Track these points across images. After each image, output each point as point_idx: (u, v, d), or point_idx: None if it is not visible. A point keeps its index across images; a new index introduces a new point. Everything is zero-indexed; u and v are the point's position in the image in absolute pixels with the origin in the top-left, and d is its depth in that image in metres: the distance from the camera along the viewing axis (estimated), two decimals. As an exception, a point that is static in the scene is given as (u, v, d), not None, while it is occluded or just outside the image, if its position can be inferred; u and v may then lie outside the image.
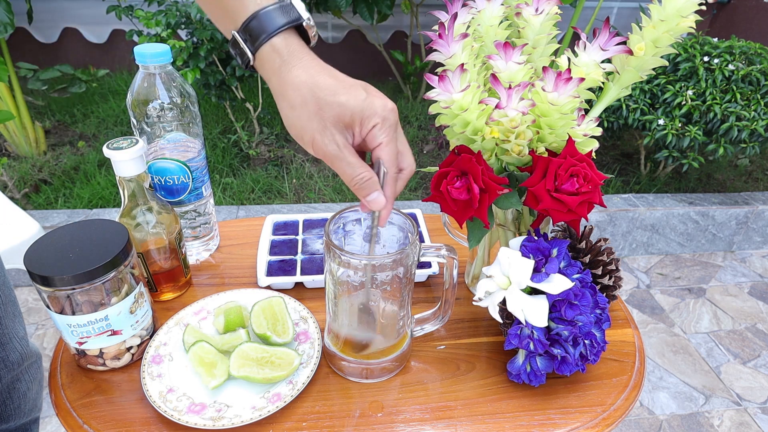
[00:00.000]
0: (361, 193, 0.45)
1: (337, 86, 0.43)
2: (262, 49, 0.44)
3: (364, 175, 0.44)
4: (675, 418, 1.35)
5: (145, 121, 0.61)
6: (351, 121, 0.43)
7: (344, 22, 2.53)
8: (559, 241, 0.53)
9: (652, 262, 1.94)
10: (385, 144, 0.44)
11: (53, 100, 2.48)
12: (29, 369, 0.71)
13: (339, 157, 0.43)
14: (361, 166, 0.44)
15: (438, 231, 0.78)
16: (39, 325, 1.52)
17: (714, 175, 2.21)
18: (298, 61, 0.43)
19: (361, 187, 0.44)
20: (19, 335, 0.67)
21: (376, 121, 0.43)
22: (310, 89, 0.43)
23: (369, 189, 0.44)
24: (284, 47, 0.44)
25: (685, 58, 1.77)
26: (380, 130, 0.43)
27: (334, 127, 0.43)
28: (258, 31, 0.44)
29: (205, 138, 1.99)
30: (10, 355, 0.66)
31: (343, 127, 0.43)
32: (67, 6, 2.57)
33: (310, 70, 0.43)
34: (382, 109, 0.43)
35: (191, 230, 0.70)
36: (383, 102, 0.43)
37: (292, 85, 0.43)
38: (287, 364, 0.52)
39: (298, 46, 0.44)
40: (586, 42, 0.50)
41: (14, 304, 0.66)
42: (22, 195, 1.86)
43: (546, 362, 0.52)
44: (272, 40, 0.43)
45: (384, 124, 0.43)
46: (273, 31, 0.43)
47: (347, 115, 0.42)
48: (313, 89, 0.42)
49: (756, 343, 1.60)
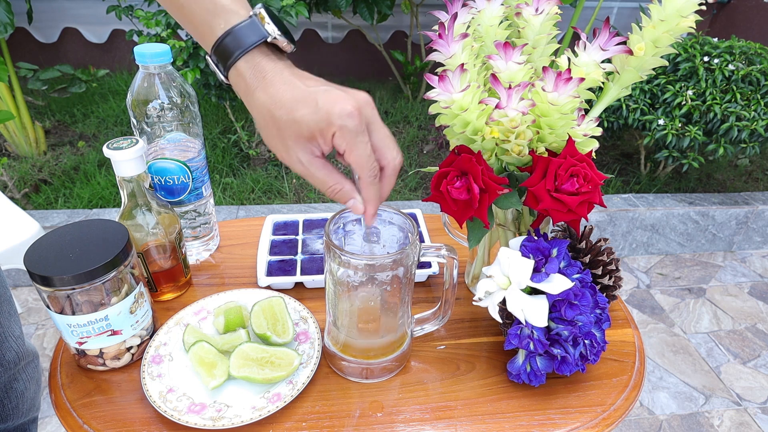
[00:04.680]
0: (339, 201, 0.46)
1: (293, 102, 0.42)
2: (230, 73, 0.44)
3: (334, 187, 0.45)
4: (675, 418, 1.35)
5: (145, 121, 0.61)
6: (310, 135, 0.42)
7: (344, 22, 2.54)
8: (559, 241, 0.53)
9: (652, 262, 1.94)
10: (349, 152, 0.42)
11: (53, 100, 2.48)
12: (26, 368, 0.71)
13: (306, 174, 0.44)
14: (331, 177, 0.44)
15: (438, 231, 0.78)
16: (39, 325, 1.52)
17: (714, 175, 2.21)
18: (260, 81, 0.43)
19: (336, 198, 0.45)
20: (14, 334, 0.67)
21: (333, 130, 0.41)
22: (268, 111, 0.42)
23: (343, 198, 0.45)
24: (248, 69, 0.43)
25: (685, 58, 1.77)
26: (340, 138, 0.42)
27: (296, 145, 0.43)
28: (226, 55, 0.44)
29: (205, 138, 1.99)
30: (5, 354, 0.66)
31: (305, 141, 0.42)
32: (67, 6, 2.57)
33: (269, 89, 0.43)
34: (339, 117, 0.41)
35: (191, 230, 0.70)
36: (341, 107, 0.41)
37: (255, 108, 0.44)
38: (287, 364, 0.52)
39: (265, 64, 0.43)
40: (586, 42, 0.50)
41: (9, 303, 0.66)
42: (22, 195, 1.86)
43: (546, 362, 0.52)
44: (237, 65, 0.43)
45: (342, 132, 0.41)
46: (238, 55, 0.43)
47: (305, 130, 0.42)
48: (272, 110, 0.42)
49: (756, 343, 1.60)
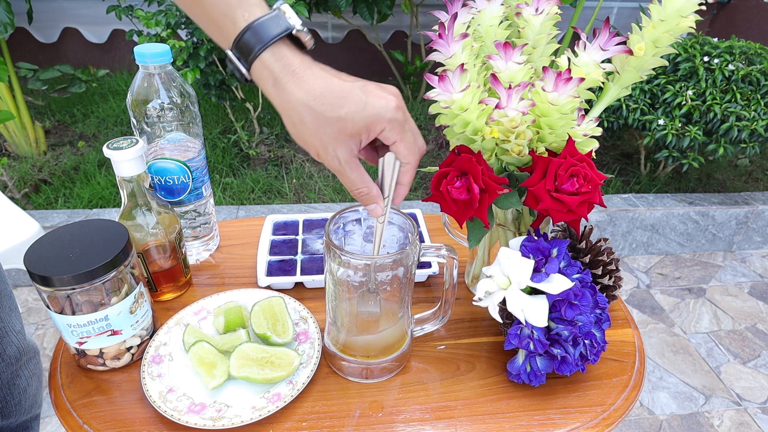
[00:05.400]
0: (363, 203, 0.47)
1: (334, 99, 0.41)
2: (254, 65, 0.43)
3: (362, 190, 0.46)
4: (675, 418, 1.35)
5: (145, 121, 0.61)
6: (355, 131, 0.42)
7: (344, 22, 2.53)
8: (559, 241, 0.53)
9: (652, 262, 1.94)
10: (399, 141, 0.44)
11: (53, 100, 2.48)
12: (28, 364, 0.71)
13: (340, 171, 0.45)
14: (362, 181, 0.45)
15: (438, 231, 0.78)
16: (39, 325, 1.52)
17: (714, 175, 2.21)
18: (290, 75, 0.42)
19: (361, 200, 0.47)
20: (15, 329, 0.67)
21: (383, 126, 0.42)
22: (306, 107, 0.42)
23: (367, 202, 0.47)
24: (275, 62, 0.43)
25: (685, 58, 1.77)
26: (390, 132, 0.43)
27: (336, 141, 0.42)
28: (249, 47, 0.43)
29: (205, 138, 1.99)
30: (7, 349, 0.65)
31: (347, 138, 0.42)
32: (67, 6, 2.57)
33: (304, 84, 0.42)
34: (386, 111, 0.42)
35: (191, 230, 0.70)
36: (385, 103, 0.42)
37: (288, 103, 0.43)
38: (287, 364, 0.52)
39: (291, 57, 0.43)
40: (586, 42, 0.50)
41: (10, 298, 0.66)
42: (22, 195, 1.86)
43: (546, 362, 0.52)
44: (262, 56, 0.43)
45: (393, 125, 0.42)
46: (262, 46, 0.42)
47: (349, 127, 0.42)
48: (310, 106, 0.42)
49: (756, 343, 1.60)
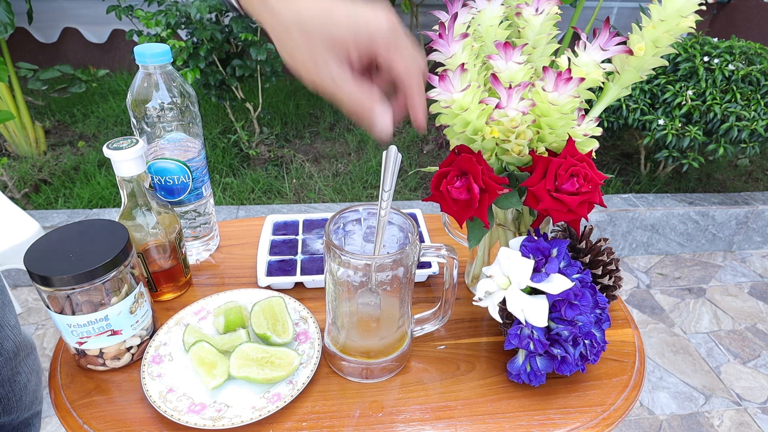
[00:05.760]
0: (366, 120, 0.44)
1: (323, 12, 0.40)
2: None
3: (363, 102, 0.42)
4: (675, 418, 1.35)
5: (145, 121, 0.61)
6: (341, 39, 0.40)
7: (344, 22, 2.53)
8: (559, 241, 0.53)
9: (652, 262, 1.94)
10: (399, 60, 0.42)
11: (53, 100, 2.48)
12: (26, 360, 0.71)
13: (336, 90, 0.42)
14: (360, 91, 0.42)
15: (438, 231, 0.78)
16: (39, 325, 1.52)
17: (714, 175, 2.21)
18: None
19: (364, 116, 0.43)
20: (10, 324, 0.67)
21: (371, 36, 0.40)
22: (295, 23, 0.40)
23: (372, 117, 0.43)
24: None
25: (685, 58, 1.77)
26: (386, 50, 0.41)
27: (326, 52, 0.41)
28: None
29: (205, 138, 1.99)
30: (4, 344, 0.65)
31: (336, 47, 0.41)
32: (67, 6, 2.57)
33: (292, 5, 0.41)
34: (376, 21, 0.40)
35: (191, 230, 0.70)
36: (375, 15, 0.40)
37: (279, 24, 0.41)
38: (287, 364, 0.52)
39: None
40: (586, 42, 0.50)
41: (3, 292, 0.66)
42: (22, 195, 1.86)
43: (546, 362, 0.52)
44: None
45: (388, 42, 0.41)
46: None
47: (336, 34, 0.40)
48: (298, 21, 0.40)
49: (756, 343, 1.60)
